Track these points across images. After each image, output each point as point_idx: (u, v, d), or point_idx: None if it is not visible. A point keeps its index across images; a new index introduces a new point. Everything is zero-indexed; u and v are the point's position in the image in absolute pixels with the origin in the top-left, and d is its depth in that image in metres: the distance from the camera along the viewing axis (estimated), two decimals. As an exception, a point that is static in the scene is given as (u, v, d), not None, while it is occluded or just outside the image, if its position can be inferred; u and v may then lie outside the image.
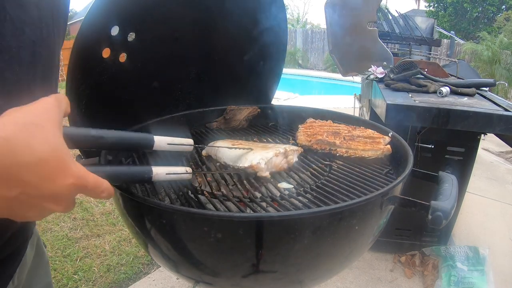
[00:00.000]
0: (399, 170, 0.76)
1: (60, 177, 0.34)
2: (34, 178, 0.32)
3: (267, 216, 0.55)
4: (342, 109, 1.91)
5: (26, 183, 0.32)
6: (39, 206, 0.34)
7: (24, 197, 0.32)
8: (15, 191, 0.32)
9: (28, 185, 0.32)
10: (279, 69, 1.17)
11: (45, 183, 0.33)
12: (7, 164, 0.31)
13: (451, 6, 13.52)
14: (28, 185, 0.32)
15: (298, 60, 12.91)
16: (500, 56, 6.29)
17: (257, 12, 1.00)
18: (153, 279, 1.71)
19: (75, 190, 0.36)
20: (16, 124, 0.32)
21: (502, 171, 3.23)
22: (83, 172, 0.36)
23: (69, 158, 0.35)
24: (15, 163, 0.31)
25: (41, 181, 0.32)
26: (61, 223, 2.13)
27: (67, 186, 0.34)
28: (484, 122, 1.35)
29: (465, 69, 2.70)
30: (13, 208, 0.33)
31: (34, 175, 0.32)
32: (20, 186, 0.32)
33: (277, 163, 0.74)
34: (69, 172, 0.34)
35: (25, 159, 0.31)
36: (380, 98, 1.55)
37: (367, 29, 2.03)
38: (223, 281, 0.64)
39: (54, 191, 0.34)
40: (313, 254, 0.58)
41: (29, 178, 0.32)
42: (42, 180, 0.32)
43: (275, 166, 0.74)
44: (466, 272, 1.63)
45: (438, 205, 0.56)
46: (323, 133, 0.87)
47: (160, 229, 0.59)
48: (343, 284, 1.69)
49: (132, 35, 0.81)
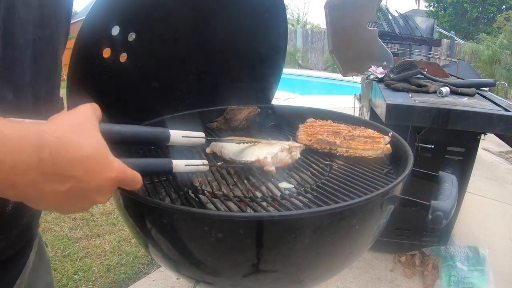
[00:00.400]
0: (399, 170, 0.76)
1: (105, 171, 0.38)
2: (82, 173, 0.36)
3: (268, 215, 0.55)
4: (342, 109, 1.91)
5: (76, 178, 0.35)
6: (86, 199, 0.38)
7: (74, 191, 0.36)
8: (67, 185, 0.35)
9: (78, 179, 0.35)
10: (279, 69, 1.17)
11: (92, 177, 0.36)
12: (60, 159, 0.34)
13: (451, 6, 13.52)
14: (78, 179, 0.35)
15: (298, 60, 12.91)
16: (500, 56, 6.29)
17: (257, 12, 1.00)
18: (153, 279, 1.71)
19: (117, 183, 0.40)
20: (66, 126, 0.36)
21: (502, 171, 3.23)
22: (123, 167, 0.41)
23: (110, 155, 0.39)
24: (67, 159, 0.34)
25: (89, 175, 0.36)
26: (61, 223, 2.13)
27: (110, 179, 0.38)
28: (484, 122, 1.35)
29: (465, 69, 2.71)
30: (63, 202, 0.37)
31: (82, 170, 0.36)
32: (71, 180, 0.35)
33: (282, 158, 0.75)
34: (111, 167, 0.39)
35: (75, 155, 0.35)
36: (380, 98, 1.55)
37: (367, 29, 2.04)
38: (223, 281, 0.64)
39: (100, 184, 0.37)
40: (313, 254, 0.58)
41: (78, 173, 0.35)
42: (89, 174, 0.36)
43: (281, 161, 0.75)
44: (466, 272, 1.63)
45: (438, 205, 0.56)
46: (324, 133, 0.87)
47: (161, 229, 0.59)
48: (343, 284, 1.69)
49: (133, 35, 0.81)
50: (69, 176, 0.35)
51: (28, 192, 0.34)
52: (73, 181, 0.35)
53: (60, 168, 0.34)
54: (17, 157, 0.31)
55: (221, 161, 0.81)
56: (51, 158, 0.33)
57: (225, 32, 1.02)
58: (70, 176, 0.35)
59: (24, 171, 0.32)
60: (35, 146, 0.32)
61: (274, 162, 0.72)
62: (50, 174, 0.34)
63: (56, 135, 0.34)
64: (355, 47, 2.11)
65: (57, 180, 0.34)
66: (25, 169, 0.32)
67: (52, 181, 0.34)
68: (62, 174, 0.34)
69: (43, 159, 0.33)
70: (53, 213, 2.22)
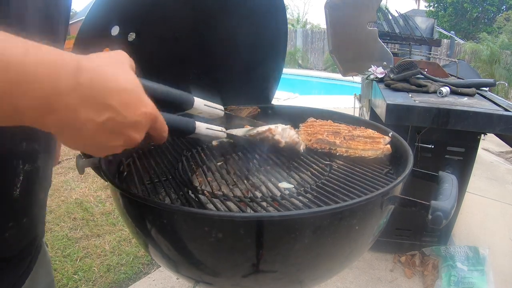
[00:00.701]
0: (399, 170, 0.76)
1: (140, 106, 0.38)
2: (119, 104, 0.35)
3: (267, 216, 0.55)
4: (342, 109, 1.91)
5: (113, 109, 0.35)
6: (121, 134, 0.37)
7: (111, 124, 0.35)
8: (104, 116, 0.35)
9: (115, 111, 0.35)
10: (279, 69, 1.17)
11: (128, 111, 0.36)
12: (98, 86, 0.34)
13: (451, 6, 13.52)
14: (115, 111, 0.35)
15: (298, 60, 12.90)
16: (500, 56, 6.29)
17: (257, 12, 1.00)
18: (153, 279, 1.71)
19: (150, 121, 0.40)
20: (103, 59, 0.36)
21: (502, 171, 3.23)
22: (155, 107, 0.41)
23: (144, 93, 0.39)
24: (104, 87, 0.34)
25: (125, 108, 0.36)
26: (61, 223, 2.13)
27: (145, 115, 0.38)
28: (484, 122, 1.35)
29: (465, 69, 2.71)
30: (99, 135, 0.36)
31: (119, 102, 0.35)
32: (108, 110, 0.35)
33: (291, 135, 0.78)
34: (146, 102, 0.39)
35: (112, 86, 0.35)
36: (380, 98, 1.55)
37: (367, 29, 2.03)
38: (223, 281, 0.64)
39: (136, 119, 0.37)
40: (313, 254, 0.58)
41: (115, 103, 0.35)
42: (125, 107, 0.36)
43: (290, 137, 0.77)
44: (466, 272, 1.63)
45: (438, 205, 0.56)
46: (324, 133, 0.87)
47: (161, 229, 0.59)
48: (343, 284, 1.69)
49: (132, 35, 0.81)
50: (106, 105, 0.34)
51: (67, 119, 0.33)
52: (110, 112, 0.35)
53: (98, 95, 0.34)
54: (57, 77, 0.31)
55: (219, 162, 0.81)
56: (89, 83, 0.33)
57: (225, 32, 1.02)
58: (108, 105, 0.34)
59: (64, 93, 0.32)
60: (74, 69, 0.32)
61: (283, 135, 0.75)
62: (88, 100, 0.33)
63: (94, 65, 0.34)
64: (355, 47, 2.11)
65: (95, 108, 0.34)
66: (65, 91, 0.32)
67: (90, 108, 0.34)
68: (100, 102, 0.34)
69: (82, 84, 0.32)
70: (53, 213, 2.22)
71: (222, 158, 0.86)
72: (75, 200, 2.39)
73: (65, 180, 2.69)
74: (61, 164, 3.00)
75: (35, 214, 0.54)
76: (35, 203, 0.54)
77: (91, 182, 2.66)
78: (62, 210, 2.27)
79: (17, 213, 0.49)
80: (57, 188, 2.55)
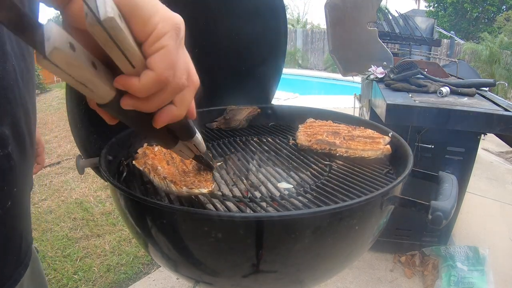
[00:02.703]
0: (399, 170, 0.76)
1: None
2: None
3: (267, 216, 0.55)
4: (342, 109, 1.91)
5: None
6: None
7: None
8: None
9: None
10: (279, 69, 1.17)
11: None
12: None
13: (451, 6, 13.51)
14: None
15: (298, 60, 12.90)
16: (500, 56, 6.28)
17: (257, 12, 1.00)
18: (153, 279, 1.71)
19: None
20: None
21: (502, 171, 3.23)
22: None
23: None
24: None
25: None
26: (61, 223, 2.13)
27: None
28: (484, 122, 1.35)
29: (465, 69, 2.71)
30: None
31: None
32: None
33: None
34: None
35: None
36: (380, 98, 1.55)
37: (367, 29, 2.03)
38: (223, 281, 0.64)
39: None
40: (313, 254, 0.58)
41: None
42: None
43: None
44: (466, 272, 1.63)
45: (438, 205, 0.56)
46: (323, 133, 0.87)
47: (160, 229, 0.59)
48: (343, 284, 1.69)
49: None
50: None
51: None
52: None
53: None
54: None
55: (219, 163, 0.81)
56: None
57: (225, 32, 1.02)
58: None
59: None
60: None
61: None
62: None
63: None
64: (355, 47, 2.11)
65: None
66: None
67: None
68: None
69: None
70: (53, 213, 2.22)
71: (222, 158, 0.86)
72: (75, 200, 2.39)
73: (65, 180, 2.69)
74: (61, 164, 3.00)
75: (11, 209, 0.49)
76: (8, 196, 0.48)
77: (91, 182, 2.66)
78: (62, 210, 2.27)
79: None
80: (57, 188, 2.55)
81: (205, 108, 1.11)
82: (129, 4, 0.30)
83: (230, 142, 0.98)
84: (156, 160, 0.68)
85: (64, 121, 4.25)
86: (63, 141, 3.56)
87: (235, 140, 0.99)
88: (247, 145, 0.95)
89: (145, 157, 0.70)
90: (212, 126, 1.08)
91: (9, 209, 0.49)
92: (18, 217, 0.52)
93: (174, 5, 0.39)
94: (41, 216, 2.18)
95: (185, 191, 0.58)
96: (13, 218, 0.50)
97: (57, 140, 3.61)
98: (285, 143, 0.95)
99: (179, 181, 0.60)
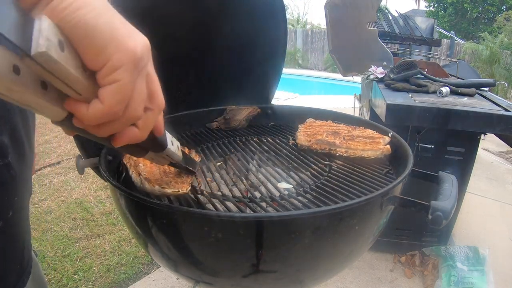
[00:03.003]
0: (399, 170, 0.76)
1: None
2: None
3: (266, 216, 0.55)
4: (342, 109, 1.91)
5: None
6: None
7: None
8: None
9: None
10: (279, 69, 1.17)
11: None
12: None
13: (451, 6, 13.51)
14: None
15: (298, 60, 12.90)
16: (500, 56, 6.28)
17: (257, 12, 1.00)
18: (153, 279, 1.71)
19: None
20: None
21: (502, 171, 3.23)
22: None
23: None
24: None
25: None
26: (61, 223, 2.13)
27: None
28: (484, 122, 1.35)
29: (465, 69, 2.70)
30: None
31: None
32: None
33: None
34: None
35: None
36: (380, 98, 1.55)
37: (367, 29, 2.03)
38: (223, 281, 0.64)
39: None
40: (313, 254, 0.58)
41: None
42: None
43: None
44: (466, 272, 1.63)
45: (438, 205, 0.56)
46: (323, 133, 0.87)
47: (160, 229, 0.59)
48: (343, 284, 1.69)
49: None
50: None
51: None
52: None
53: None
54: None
55: (218, 163, 0.81)
56: None
57: (225, 32, 1.02)
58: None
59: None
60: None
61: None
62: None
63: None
64: (355, 47, 2.11)
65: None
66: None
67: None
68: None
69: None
70: (53, 213, 2.22)
71: (221, 158, 0.86)
72: (75, 200, 2.39)
73: (65, 180, 2.69)
74: (61, 164, 3.00)
75: (10, 219, 0.49)
76: (10, 206, 0.49)
77: (91, 182, 2.66)
78: (62, 210, 2.27)
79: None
80: (57, 188, 2.55)
81: (205, 108, 1.11)
82: (81, 31, 0.26)
83: (230, 142, 0.98)
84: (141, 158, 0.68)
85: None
86: (63, 141, 3.56)
87: (235, 140, 0.99)
88: (247, 145, 0.95)
89: None
90: (212, 126, 1.08)
91: (10, 219, 0.49)
92: (19, 225, 0.52)
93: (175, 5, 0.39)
94: (41, 216, 2.18)
95: (157, 190, 0.59)
96: (15, 227, 0.50)
97: (57, 140, 3.61)
98: (285, 143, 0.95)
99: (154, 180, 0.61)
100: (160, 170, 0.66)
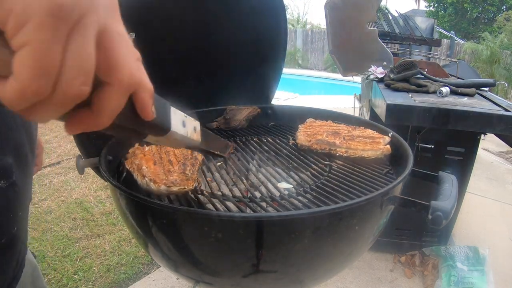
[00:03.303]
0: (399, 170, 0.76)
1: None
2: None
3: (267, 216, 0.55)
4: (342, 109, 1.91)
5: None
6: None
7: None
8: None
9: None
10: (279, 69, 1.17)
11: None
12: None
13: (451, 6, 13.51)
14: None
15: (298, 60, 12.90)
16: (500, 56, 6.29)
17: (257, 12, 1.00)
18: (153, 279, 1.71)
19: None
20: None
21: (502, 171, 3.23)
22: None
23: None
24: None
25: None
26: (61, 223, 2.13)
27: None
28: (484, 122, 1.35)
29: (465, 69, 2.70)
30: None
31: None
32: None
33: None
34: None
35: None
36: (380, 98, 1.55)
37: (367, 29, 2.03)
38: (223, 281, 0.64)
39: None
40: (313, 254, 0.58)
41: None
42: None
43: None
44: (466, 272, 1.63)
45: (438, 205, 0.56)
46: (323, 133, 0.87)
47: (160, 229, 0.59)
48: (343, 284, 1.69)
49: (132, 35, 0.81)
50: None
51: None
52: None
53: None
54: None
55: (218, 163, 0.81)
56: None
57: (225, 33, 1.02)
58: None
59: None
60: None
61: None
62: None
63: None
64: (355, 47, 2.11)
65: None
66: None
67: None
68: None
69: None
70: (53, 213, 2.22)
71: (222, 158, 0.86)
72: (75, 200, 2.39)
73: (65, 180, 2.69)
74: (61, 164, 3.00)
75: (14, 233, 0.49)
76: (14, 222, 0.49)
77: (91, 182, 2.66)
78: (62, 210, 2.27)
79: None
80: (57, 188, 2.55)
81: (205, 108, 1.11)
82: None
83: (230, 142, 0.98)
84: (144, 160, 0.69)
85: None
86: (63, 141, 3.56)
87: (235, 140, 0.99)
88: (247, 145, 0.95)
89: (134, 157, 0.71)
90: (212, 126, 1.08)
91: (15, 234, 0.49)
92: (20, 238, 0.52)
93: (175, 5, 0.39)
94: (41, 216, 2.18)
95: (164, 190, 0.60)
96: (17, 240, 0.50)
97: (57, 140, 3.61)
98: (285, 143, 0.95)
99: (160, 180, 0.61)
100: (164, 170, 0.66)
